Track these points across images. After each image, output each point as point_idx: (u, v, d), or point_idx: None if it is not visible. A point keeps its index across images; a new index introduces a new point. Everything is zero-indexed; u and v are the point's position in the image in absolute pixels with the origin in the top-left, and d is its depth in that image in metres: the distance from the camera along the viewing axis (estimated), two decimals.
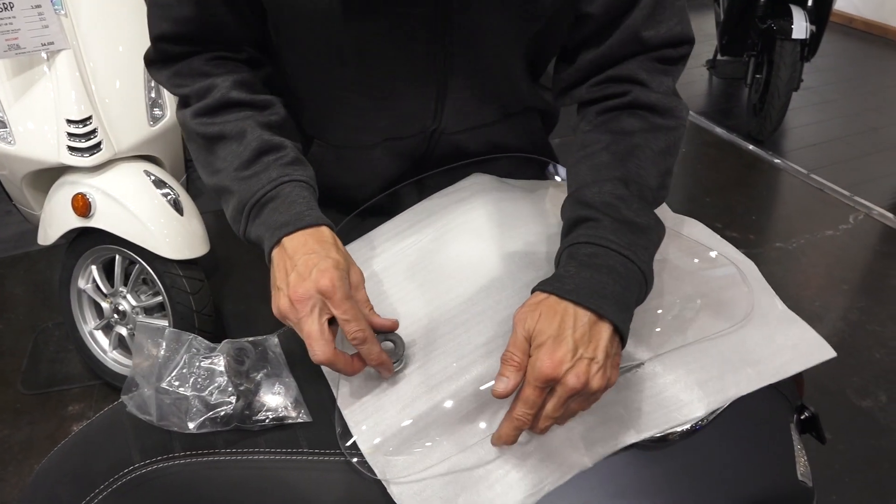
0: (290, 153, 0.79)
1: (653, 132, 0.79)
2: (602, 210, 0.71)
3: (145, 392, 0.70)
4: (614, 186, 0.73)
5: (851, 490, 1.77)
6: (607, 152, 0.78)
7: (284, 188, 0.75)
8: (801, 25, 3.12)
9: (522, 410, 0.65)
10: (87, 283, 1.91)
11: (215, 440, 0.71)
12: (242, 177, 0.76)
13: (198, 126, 0.80)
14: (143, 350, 0.72)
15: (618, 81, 0.82)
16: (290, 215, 0.73)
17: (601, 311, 0.66)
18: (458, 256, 0.84)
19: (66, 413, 1.97)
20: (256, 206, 0.75)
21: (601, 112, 0.83)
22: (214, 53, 0.82)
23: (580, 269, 0.68)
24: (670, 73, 0.82)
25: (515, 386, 0.66)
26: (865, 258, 2.69)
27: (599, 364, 0.65)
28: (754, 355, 0.80)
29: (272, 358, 0.75)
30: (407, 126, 0.89)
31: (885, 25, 5.01)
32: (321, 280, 0.67)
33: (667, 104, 0.80)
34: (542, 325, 0.66)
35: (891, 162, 3.36)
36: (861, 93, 4.12)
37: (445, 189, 0.96)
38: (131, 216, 1.70)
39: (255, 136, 0.77)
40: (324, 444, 0.72)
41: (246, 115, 0.80)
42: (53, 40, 1.61)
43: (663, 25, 0.79)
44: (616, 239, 0.69)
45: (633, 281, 0.69)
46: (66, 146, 1.66)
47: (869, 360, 2.17)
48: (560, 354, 0.64)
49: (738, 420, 0.82)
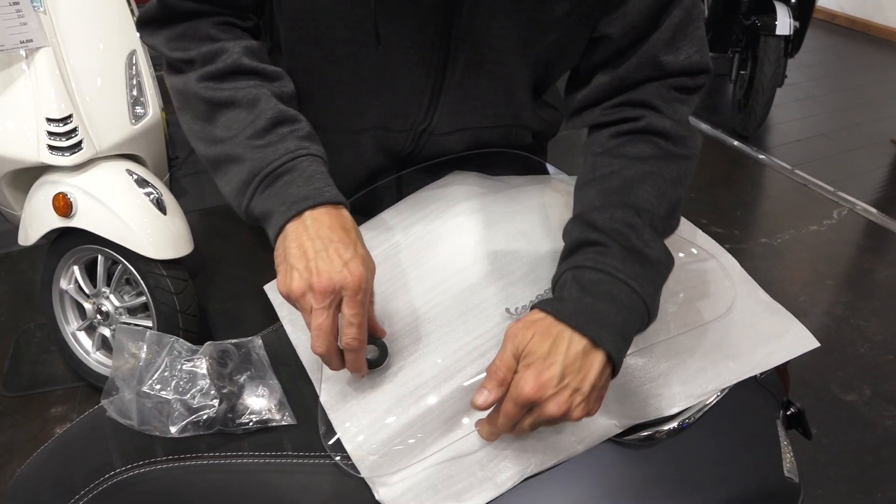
0: (304, 126, 0.76)
1: (666, 160, 0.78)
2: (611, 236, 0.70)
3: (126, 396, 0.68)
4: (625, 213, 0.72)
5: (837, 484, 1.78)
6: (619, 177, 0.76)
7: (303, 161, 0.72)
8: (785, 21, 3.14)
9: (502, 421, 0.66)
10: (70, 284, 1.89)
11: (198, 444, 0.70)
12: (256, 146, 0.72)
13: (203, 90, 0.76)
14: (123, 353, 0.71)
15: (632, 106, 0.80)
16: (309, 189, 0.70)
17: (598, 339, 0.65)
18: (444, 255, 0.83)
19: (48, 415, 1.95)
20: (270, 177, 0.71)
21: (614, 136, 0.81)
22: (222, 18, 0.80)
23: (583, 295, 0.67)
24: (685, 102, 0.81)
25: (495, 401, 0.66)
26: (849, 253, 2.71)
27: (583, 395, 0.65)
28: (736, 348, 0.80)
29: (256, 360, 0.74)
30: (397, 118, 0.88)
31: (867, 21, 5.05)
32: (350, 277, 0.65)
33: (680, 132, 0.79)
34: (534, 345, 0.65)
35: (874, 157, 3.39)
36: (844, 88, 4.15)
37: (428, 186, 0.95)
38: (113, 216, 1.67)
39: (270, 106, 0.74)
40: (308, 447, 0.71)
41: (256, 83, 0.76)
42: (32, 38, 1.59)
43: (682, 52, 0.78)
44: (623, 268, 0.68)
45: (635, 312, 0.68)
46: (47, 145, 1.64)
47: (853, 355, 2.18)
48: (545, 378, 0.63)
49: (725, 417, 0.82)
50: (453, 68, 0.81)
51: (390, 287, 0.81)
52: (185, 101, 0.79)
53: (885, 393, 2.04)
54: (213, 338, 0.73)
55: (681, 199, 0.78)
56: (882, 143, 3.51)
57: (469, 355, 0.73)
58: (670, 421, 0.77)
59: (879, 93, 4.10)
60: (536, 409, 0.64)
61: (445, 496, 0.67)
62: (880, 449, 1.87)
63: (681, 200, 0.78)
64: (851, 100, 3.98)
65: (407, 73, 0.81)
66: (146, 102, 1.82)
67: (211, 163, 0.76)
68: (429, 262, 0.83)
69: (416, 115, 0.87)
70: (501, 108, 0.89)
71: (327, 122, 0.90)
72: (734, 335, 0.81)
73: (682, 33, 0.77)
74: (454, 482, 0.69)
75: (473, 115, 0.89)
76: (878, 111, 3.85)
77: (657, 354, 0.77)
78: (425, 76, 0.82)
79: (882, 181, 3.19)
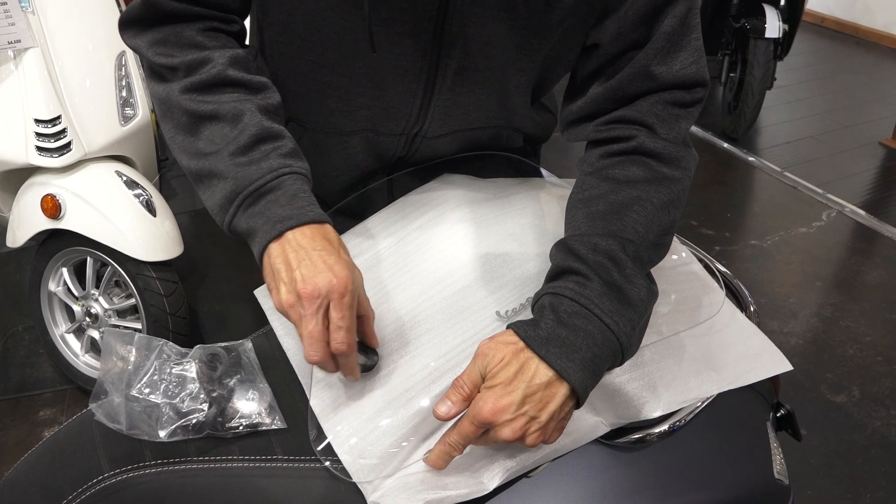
0: (288, 143, 0.75)
1: (655, 184, 0.76)
2: (593, 268, 0.70)
3: (114, 400, 0.68)
4: (609, 244, 0.71)
5: (826, 485, 1.79)
6: (605, 201, 0.75)
7: (286, 180, 0.71)
8: (774, 24, 3.16)
9: (455, 439, 0.66)
10: (58, 286, 1.87)
11: (187, 448, 0.69)
12: (239, 163, 0.71)
13: (187, 102, 0.74)
14: (111, 356, 0.70)
15: (626, 123, 0.79)
16: (292, 209, 0.69)
17: (564, 372, 0.65)
18: (434, 258, 0.83)
19: (37, 418, 1.93)
20: (253, 196, 0.70)
21: (604, 156, 0.80)
22: (208, 24, 0.78)
23: (557, 325, 0.67)
24: (682, 118, 0.79)
25: (457, 414, 0.67)
26: (838, 255, 2.73)
27: (540, 424, 0.65)
28: (719, 360, 0.81)
29: (246, 363, 0.74)
30: (388, 122, 0.87)
31: (855, 25, 5.08)
32: (335, 280, 0.65)
33: (673, 153, 0.77)
34: (500, 368, 0.65)
35: (862, 159, 3.41)
36: (833, 91, 4.18)
37: (418, 189, 0.95)
38: (102, 217, 1.66)
39: (254, 122, 0.73)
40: (299, 451, 0.70)
41: (241, 96, 0.75)
42: (20, 38, 1.57)
43: (676, 62, 0.76)
44: (601, 303, 0.68)
45: (607, 349, 0.68)
46: (35, 146, 1.63)
47: (842, 356, 2.19)
48: (503, 403, 0.64)
49: (715, 420, 0.82)
50: (444, 74, 0.81)
51: (380, 291, 0.80)
52: (167, 111, 0.77)
53: (873, 394, 2.06)
54: (203, 340, 0.73)
55: (672, 223, 0.77)
56: (871, 145, 3.53)
57: (459, 357, 0.73)
58: (661, 424, 0.77)
59: (868, 95, 4.12)
60: (492, 431, 0.66)
61: (433, 496, 0.67)
62: (869, 449, 1.88)
63: (673, 224, 0.77)
64: (840, 102, 4.01)
65: (398, 78, 0.81)
66: (135, 103, 1.81)
67: (193, 175, 0.75)
68: (419, 266, 0.83)
69: (407, 118, 0.87)
70: (494, 111, 0.89)
71: (317, 123, 0.89)
72: (716, 348, 0.82)
73: (676, 44, 0.76)
74: (442, 483, 0.69)
75: (465, 119, 0.88)
76: (866, 114, 3.87)
77: (647, 356, 0.77)
78: (416, 82, 0.81)
79: (870, 183, 3.21)
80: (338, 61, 0.80)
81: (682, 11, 0.74)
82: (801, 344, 2.23)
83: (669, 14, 0.74)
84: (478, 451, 0.70)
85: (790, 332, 2.28)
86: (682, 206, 0.79)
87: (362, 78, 0.81)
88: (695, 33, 0.77)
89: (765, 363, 0.83)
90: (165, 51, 0.76)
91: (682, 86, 0.77)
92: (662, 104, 0.78)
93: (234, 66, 0.76)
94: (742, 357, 0.83)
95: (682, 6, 0.74)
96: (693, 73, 0.77)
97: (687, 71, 0.77)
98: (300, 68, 0.83)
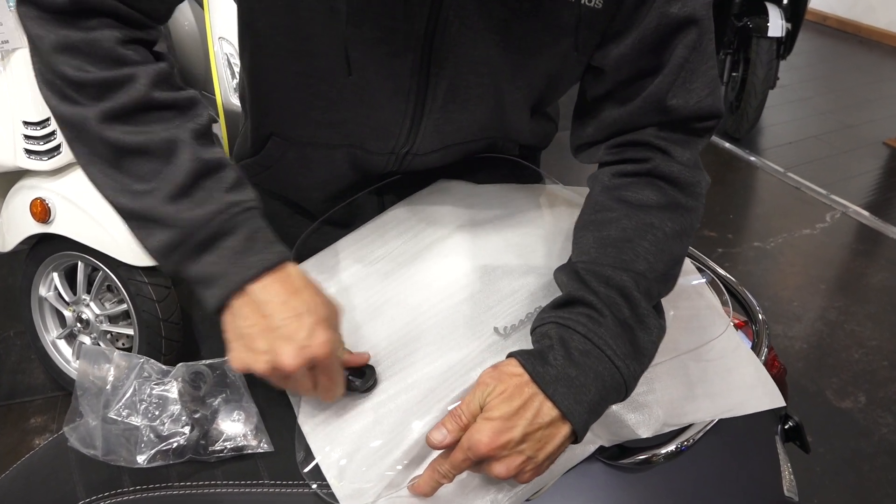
0: (230, 173, 0.66)
1: (669, 211, 0.73)
2: (606, 303, 0.66)
3: (90, 422, 0.64)
4: (622, 280, 0.67)
5: (832, 493, 1.76)
6: (617, 227, 0.72)
7: (237, 220, 0.63)
8: (777, 23, 3.13)
9: (446, 469, 0.63)
10: (49, 291, 1.84)
11: (168, 473, 0.66)
12: (180, 207, 0.62)
13: (108, 132, 0.62)
14: (88, 376, 0.66)
15: (639, 146, 0.76)
16: (252, 256, 0.62)
17: (569, 414, 0.62)
18: (430, 271, 0.79)
19: (27, 426, 1.90)
20: (203, 244, 0.62)
21: (617, 175, 0.76)
22: (129, 33, 0.66)
23: (567, 363, 0.63)
24: (693, 144, 0.76)
25: (451, 444, 0.63)
26: (843, 257, 2.69)
27: (536, 463, 0.63)
28: (714, 387, 0.79)
29: (231, 382, 0.70)
30: (377, 141, 0.83)
31: (857, 23, 5.05)
32: (317, 349, 0.61)
33: (688, 178, 0.74)
34: (502, 401, 0.62)
35: (866, 160, 3.38)
36: (836, 90, 4.15)
37: (411, 197, 0.91)
38: (93, 221, 1.63)
39: (189, 156, 0.63)
40: (286, 476, 0.67)
41: (170, 123, 0.65)
42: (8, 38, 1.54)
43: (693, 95, 0.72)
44: (615, 346, 0.65)
45: (613, 392, 0.65)
46: (23, 149, 1.60)
47: (848, 361, 2.16)
48: (502, 441, 0.61)
49: (723, 437, 0.80)
50: (434, 94, 0.77)
51: (372, 305, 0.77)
52: (79, 136, 0.64)
53: (880, 400, 2.02)
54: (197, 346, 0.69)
55: (683, 254, 0.74)
56: (874, 145, 3.50)
57: (455, 376, 0.70)
58: (668, 444, 0.74)
59: (871, 95, 4.09)
60: (484, 465, 0.62)
61: None
62: (876, 457, 1.85)
63: (682, 255, 0.74)
64: (843, 102, 3.98)
65: (386, 98, 0.77)
66: None
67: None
68: (413, 278, 0.79)
69: (396, 138, 0.82)
70: (488, 124, 0.85)
71: (302, 136, 0.85)
72: (711, 374, 0.79)
73: (690, 74, 0.72)
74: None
75: (458, 134, 0.84)
76: (870, 113, 3.84)
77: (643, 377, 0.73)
78: (405, 102, 0.77)
79: (874, 184, 3.17)
80: (325, 72, 0.76)
81: (692, 40, 0.70)
82: (805, 348, 2.19)
83: (679, 44, 0.70)
84: (467, 480, 0.67)
85: (794, 336, 2.24)
86: (692, 238, 0.76)
87: (349, 93, 0.77)
88: (709, 62, 0.73)
89: (759, 395, 0.81)
90: (76, 62, 0.63)
91: (697, 118, 0.74)
92: (674, 130, 0.75)
93: (160, 85, 0.65)
94: (737, 387, 0.80)
95: (693, 34, 0.70)
96: (709, 105, 0.74)
97: (702, 104, 0.73)
98: (286, 80, 0.79)
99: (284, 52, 0.76)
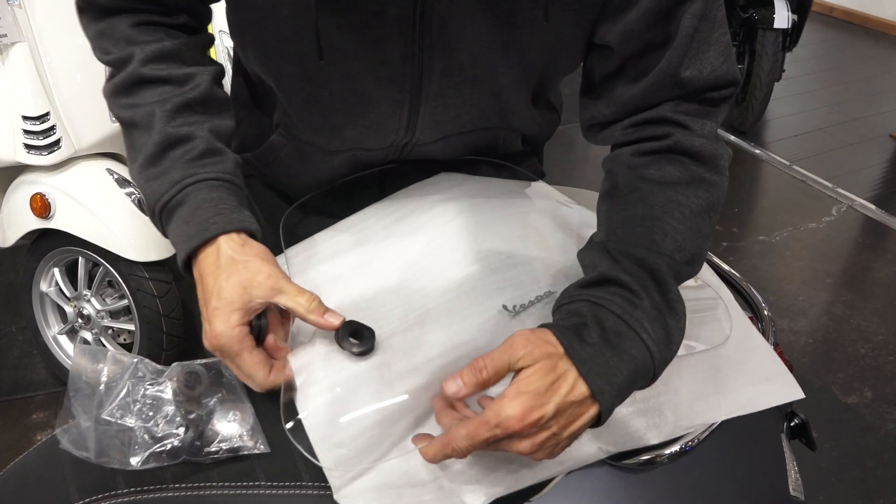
0: (198, 144, 0.69)
1: (694, 186, 0.70)
2: (641, 283, 0.64)
3: (82, 424, 0.63)
4: (654, 261, 0.65)
5: (838, 490, 1.74)
6: (644, 205, 0.69)
7: (190, 191, 0.67)
8: (783, 15, 3.10)
9: (464, 444, 0.58)
10: (50, 287, 1.84)
11: (163, 475, 0.65)
12: (149, 176, 0.68)
13: (115, 107, 0.71)
14: (81, 376, 0.65)
15: (657, 123, 0.74)
16: (195, 226, 0.65)
17: (599, 394, 0.59)
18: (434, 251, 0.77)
19: (29, 422, 1.89)
20: (165, 213, 0.68)
21: (636, 154, 0.74)
22: (143, 17, 0.73)
23: (603, 345, 0.61)
24: (712, 115, 0.74)
25: (466, 396, 0.60)
26: (849, 251, 2.67)
27: (558, 441, 0.60)
28: (727, 384, 0.76)
29: (227, 381, 0.69)
30: (376, 138, 0.82)
31: (864, 14, 5.01)
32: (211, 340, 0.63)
33: (710, 151, 0.72)
34: (535, 375, 0.58)
35: (873, 152, 3.35)
36: (842, 82, 4.11)
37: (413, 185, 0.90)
38: (93, 217, 1.62)
39: (159, 127, 0.68)
40: (283, 477, 0.66)
41: (159, 95, 0.70)
42: (6, 32, 1.53)
43: (707, 65, 0.70)
44: (650, 329, 0.62)
45: (641, 376, 0.62)
46: (23, 144, 1.59)
47: (854, 356, 2.14)
48: (535, 416, 0.57)
49: (729, 437, 0.79)
50: (429, 78, 0.75)
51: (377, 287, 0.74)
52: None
53: (886, 395, 2.01)
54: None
55: (710, 232, 0.71)
56: (881, 137, 3.47)
57: (458, 348, 0.67)
58: (672, 444, 0.73)
59: (878, 87, 4.06)
60: (504, 441, 0.59)
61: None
62: (882, 453, 1.84)
63: (710, 234, 0.71)
64: (849, 94, 3.94)
65: (381, 89, 0.76)
66: None
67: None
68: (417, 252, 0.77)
69: (395, 132, 0.81)
70: (487, 111, 0.83)
71: (301, 135, 0.84)
72: (726, 369, 0.77)
73: (702, 41, 0.70)
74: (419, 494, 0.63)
75: (457, 122, 0.83)
76: (876, 105, 3.81)
77: None
78: (400, 91, 0.76)
79: (881, 177, 3.15)
80: (315, 74, 0.74)
81: (699, 9, 0.68)
82: (810, 343, 2.18)
83: (686, 13, 0.68)
84: (460, 470, 0.64)
85: (799, 331, 2.22)
86: (718, 215, 0.73)
87: (343, 91, 0.76)
88: (720, 30, 0.71)
89: (776, 389, 0.79)
90: (105, 45, 0.73)
91: (713, 88, 0.72)
92: (691, 103, 0.73)
93: (153, 61, 0.71)
94: (752, 380, 0.78)
95: (699, 2, 0.68)
96: (724, 73, 0.71)
97: (718, 73, 0.71)
98: (279, 81, 0.78)
99: (275, 53, 0.75)
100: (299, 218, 0.93)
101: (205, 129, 0.71)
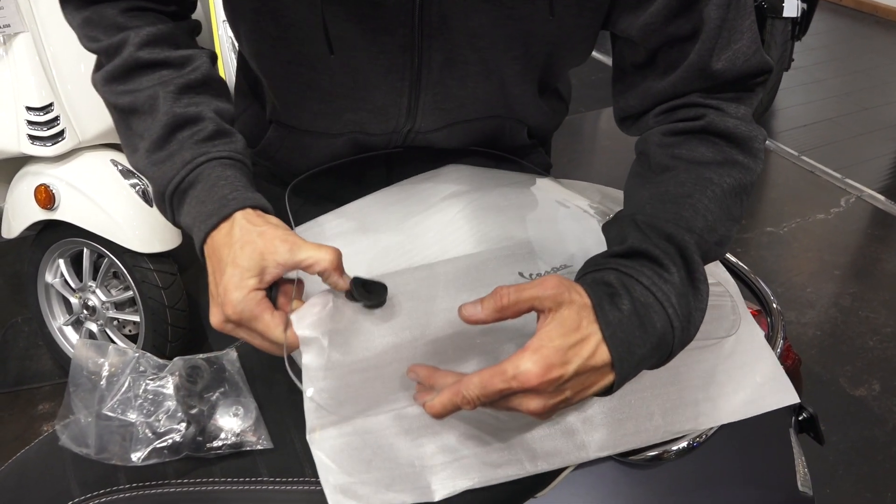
0: (208, 125, 0.68)
1: (727, 167, 0.68)
2: (670, 258, 0.61)
3: (82, 420, 0.63)
4: (684, 238, 0.62)
5: (846, 482, 1.73)
6: (675, 181, 0.67)
7: (203, 170, 0.65)
8: (792, 3, 3.06)
9: (474, 394, 0.55)
10: (55, 278, 1.84)
11: (165, 470, 0.64)
12: (156, 160, 0.66)
13: (109, 95, 0.69)
14: (81, 370, 0.65)
15: (689, 107, 0.72)
16: (212, 204, 0.63)
17: (619, 365, 0.56)
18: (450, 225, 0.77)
19: (35, 412, 1.90)
20: (177, 195, 0.66)
21: (668, 133, 0.72)
22: (132, 3, 0.72)
23: (631, 314, 0.58)
24: (747, 99, 0.72)
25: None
26: (857, 242, 2.65)
27: (567, 405, 0.57)
28: (718, 389, 0.74)
29: (230, 376, 0.68)
30: (377, 123, 0.81)
31: (874, 3, 4.95)
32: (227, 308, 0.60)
33: (745, 132, 0.70)
34: (560, 331, 0.55)
35: (882, 143, 3.32)
36: (852, 72, 4.07)
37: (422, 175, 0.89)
38: (98, 208, 1.62)
39: (165, 109, 0.66)
40: (286, 472, 0.65)
41: (158, 80, 0.68)
42: (10, 23, 1.52)
43: (739, 56, 0.69)
44: (677, 305, 0.59)
45: (658, 354, 0.60)
46: (27, 135, 1.58)
47: (862, 348, 2.13)
48: (554, 375, 0.54)
49: (736, 432, 0.78)
50: (429, 67, 0.74)
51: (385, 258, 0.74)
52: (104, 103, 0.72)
53: (894, 388, 1.99)
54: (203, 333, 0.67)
55: (738, 218, 0.69)
56: (891, 128, 3.43)
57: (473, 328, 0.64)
58: (679, 441, 0.72)
59: (888, 76, 4.02)
60: (515, 399, 0.55)
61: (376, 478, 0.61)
62: (890, 446, 1.82)
63: (738, 219, 0.69)
64: (859, 84, 3.90)
65: (381, 76, 0.74)
66: None
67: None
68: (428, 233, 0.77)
69: (397, 118, 0.80)
70: (492, 101, 0.82)
71: (300, 124, 0.83)
72: (720, 373, 0.75)
73: (732, 29, 0.68)
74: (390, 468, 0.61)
75: (461, 111, 0.82)
76: (886, 95, 3.77)
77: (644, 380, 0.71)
78: (400, 80, 0.75)
79: (890, 167, 3.12)
80: (315, 59, 0.73)
81: None
82: (818, 335, 2.16)
83: (710, 3, 0.66)
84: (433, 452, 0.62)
85: (807, 323, 2.21)
86: (749, 199, 0.71)
87: (343, 77, 0.75)
88: (749, 18, 0.69)
89: (766, 393, 0.76)
90: (92, 34, 0.71)
91: (747, 77, 0.70)
92: (727, 91, 0.71)
93: (149, 46, 0.69)
94: (745, 385, 0.76)
95: None
96: (757, 62, 0.70)
97: (750, 63, 0.69)
98: (277, 69, 0.77)
99: (271, 40, 0.74)
100: (303, 200, 0.93)
101: (210, 110, 0.70)
